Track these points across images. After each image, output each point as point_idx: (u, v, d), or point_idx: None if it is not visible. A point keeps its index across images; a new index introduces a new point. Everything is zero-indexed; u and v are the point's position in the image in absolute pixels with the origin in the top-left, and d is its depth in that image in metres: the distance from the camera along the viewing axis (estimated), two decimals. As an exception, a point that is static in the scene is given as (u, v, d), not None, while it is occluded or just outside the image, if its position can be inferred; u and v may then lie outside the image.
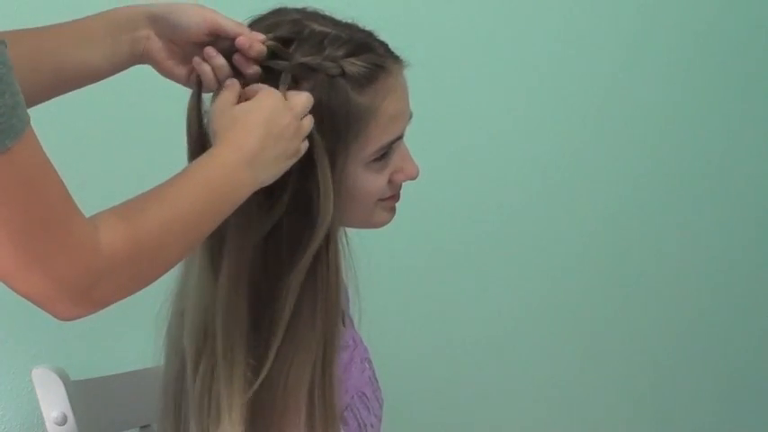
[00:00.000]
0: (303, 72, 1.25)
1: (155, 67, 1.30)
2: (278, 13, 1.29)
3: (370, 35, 1.30)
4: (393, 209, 1.36)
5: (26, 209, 0.98)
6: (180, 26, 1.25)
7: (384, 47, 1.30)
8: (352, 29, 1.29)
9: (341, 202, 1.28)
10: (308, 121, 1.23)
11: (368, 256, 1.35)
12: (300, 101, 1.23)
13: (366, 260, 1.35)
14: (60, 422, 1.56)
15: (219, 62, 1.25)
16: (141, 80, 1.37)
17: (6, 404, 1.69)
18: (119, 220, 1.06)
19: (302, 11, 1.30)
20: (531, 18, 2.26)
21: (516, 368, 2.35)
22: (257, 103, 1.21)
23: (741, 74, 2.64)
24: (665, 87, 2.51)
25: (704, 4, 2.54)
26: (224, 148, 1.18)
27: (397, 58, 1.30)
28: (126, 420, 1.67)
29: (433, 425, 2.22)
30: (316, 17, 1.29)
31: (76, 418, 1.57)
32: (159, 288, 1.20)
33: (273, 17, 1.29)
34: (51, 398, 1.58)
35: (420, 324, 2.18)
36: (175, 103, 1.29)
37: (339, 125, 1.25)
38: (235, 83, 1.24)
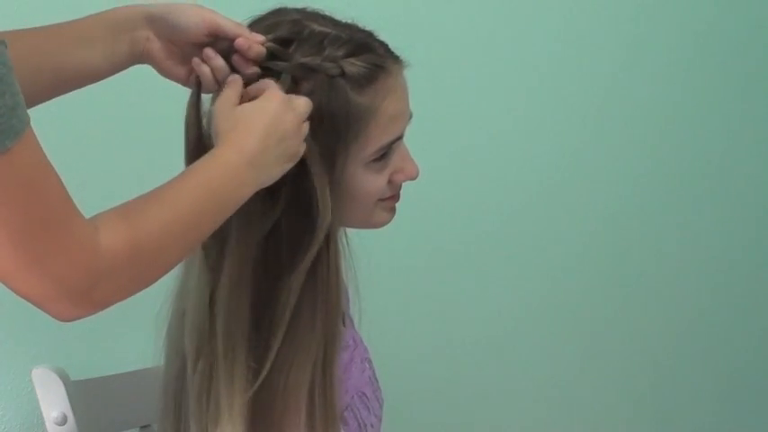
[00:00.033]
0: (303, 72, 1.24)
1: (154, 67, 1.29)
2: (278, 13, 1.29)
3: (370, 35, 1.30)
4: (393, 209, 1.36)
5: (26, 209, 0.98)
6: (179, 27, 1.25)
7: (384, 47, 1.30)
8: (352, 29, 1.29)
9: (341, 202, 1.28)
10: (306, 125, 1.23)
11: (368, 256, 1.35)
12: (301, 103, 1.23)
13: (366, 260, 1.35)
14: (60, 422, 1.56)
15: (219, 64, 1.25)
16: (141, 80, 1.37)
17: (6, 404, 1.69)
18: (119, 221, 1.06)
19: (302, 11, 1.29)
20: (531, 18, 2.26)
21: (516, 368, 2.35)
22: (260, 103, 1.21)
23: (741, 74, 2.64)
24: (664, 87, 2.50)
25: (704, 4, 2.54)
26: (226, 149, 1.17)
27: (396, 59, 1.30)
28: (126, 420, 1.67)
29: (433, 425, 2.22)
30: (315, 17, 1.28)
31: (76, 418, 1.57)
32: (159, 288, 1.19)
33: (273, 17, 1.29)
34: (51, 398, 1.58)
35: (420, 324, 2.18)
36: (175, 103, 1.28)
37: (339, 125, 1.25)
38: (237, 80, 1.24)
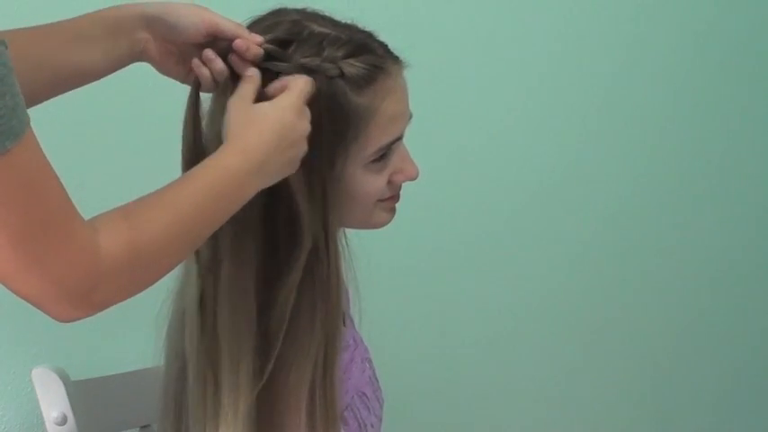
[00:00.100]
0: (302, 73, 1.23)
1: (153, 66, 1.29)
2: (277, 13, 1.29)
3: (369, 36, 1.29)
4: (393, 209, 1.36)
5: (25, 211, 0.98)
6: (177, 28, 1.24)
7: (383, 48, 1.30)
8: (351, 30, 1.28)
9: (340, 202, 1.28)
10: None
11: (368, 256, 1.35)
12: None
13: (366, 260, 1.35)
14: (60, 422, 1.56)
15: (219, 67, 1.24)
16: (141, 80, 1.37)
17: (6, 404, 1.69)
18: (119, 223, 1.05)
19: (302, 11, 1.29)
20: (531, 18, 2.26)
21: (516, 368, 2.35)
22: (277, 108, 1.20)
23: (741, 74, 2.64)
24: (664, 87, 2.50)
25: (704, 4, 2.54)
26: (232, 152, 1.16)
27: (396, 59, 1.30)
28: (126, 420, 1.67)
29: (433, 425, 2.22)
30: (315, 18, 1.28)
31: (76, 418, 1.57)
32: (159, 288, 1.19)
33: (273, 18, 1.28)
34: (51, 398, 1.58)
35: (420, 324, 2.18)
36: (175, 102, 1.28)
37: (338, 126, 1.25)
38: (255, 76, 1.23)
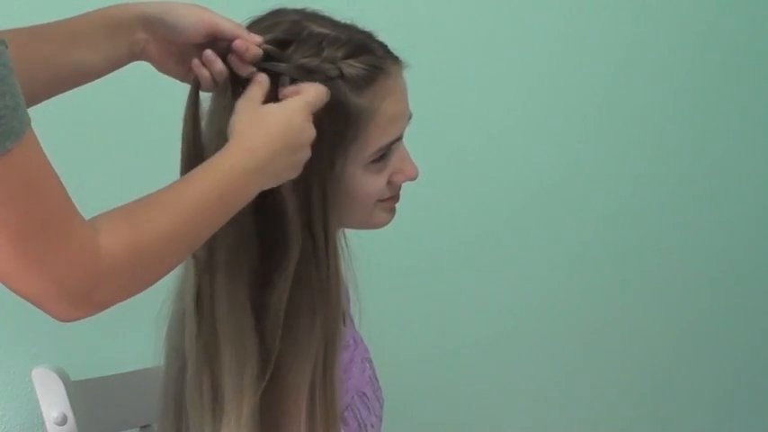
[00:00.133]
0: (301, 74, 1.24)
1: (153, 66, 1.29)
2: (277, 14, 1.29)
3: (369, 36, 1.29)
4: (393, 209, 1.36)
5: (26, 211, 0.97)
6: (177, 28, 1.24)
7: (383, 48, 1.29)
8: (351, 30, 1.28)
9: (340, 203, 1.28)
10: None
11: (368, 256, 1.34)
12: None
13: (366, 260, 1.35)
14: (60, 422, 1.56)
15: (219, 68, 1.23)
16: (141, 80, 1.36)
17: (6, 404, 1.69)
18: (120, 223, 1.05)
19: (301, 12, 1.29)
20: (531, 18, 2.26)
21: (516, 368, 2.35)
22: (286, 110, 1.20)
23: (741, 74, 2.64)
24: (664, 87, 2.50)
25: (704, 4, 2.54)
26: (237, 150, 1.16)
27: (396, 59, 1.30)
28: (126, 420, 1.67)
29: (433, 425, 2.22)
30: (315, 18, 1.28)
31: (76, 418, 1.57)
32: (159, 288, 1.19)
33: (272, 18, 1.28)
34: (51, 398, 1.58)
35: (420, 324, 2.18)
36: (175, 102, 1.28)
37: (338, 127, 1.25)
38: (265, 80, 1.23)
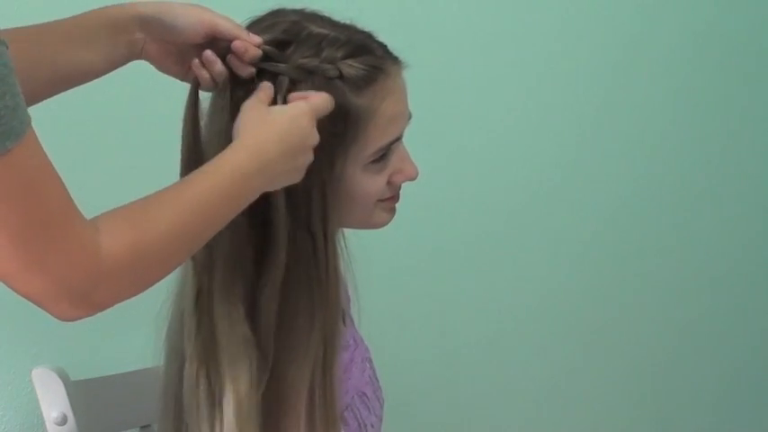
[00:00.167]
0: (301, 74, 1.24)
1: (153, 65, 1.28)
2: (276, 14, 1.29)
3: (368, 36, 1.29)
4: (392, 209, 1.36)
5: (26, 211, 0.97)
6: (175, 28, 1.23)
7: (383, 48, 1.29)
8: (350, 30, 1.28)
9: (340, 203, 1.28)
10: None
11: (368, 256, 1.35)
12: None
13: (366, 260, 1.35)
14: (60, 422, 1.56)
15: (218, 68, 1.23)
16: (141, 80, 1.36)
17: (6, 404, 1.69)
18: (121, 223, 1.05)
19: (300, 12, 1.29)
20: (530, 18, 2.26)
21: (516, 368, 2.35)
22: (293, 107, 1.20)
23: (741, 74, 2.64)
24: (664, 87, 2.50)
25: (704, 4, 2.54)
26: (242, 148, 1.16)
27: (395, 60, 1.30)
28: (126, 420, 1.67)
29: (432, 425, 2.22)
30: (314, 18, 1.28)
31: (76, 418, 1.57)
32: (160, 288, 1.19)
33: (272, 18, 1.28)
34: (51, 398, 1.58)
35: (420, 324, 2.18)
36: (175, 102, 1.28)
37: (338, 127, 1.25)
38: (269, 87, 1.23)
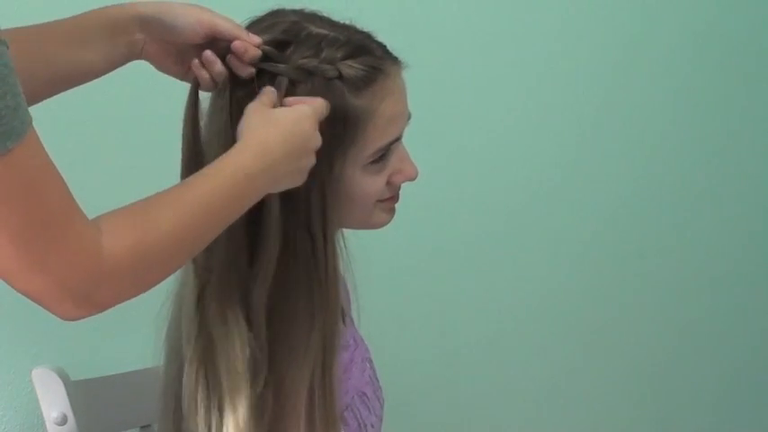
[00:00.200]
0: (300, 75, 1.24)
1: (153, 65, 1.28)
2: (276, 14, 1.29)
3: (368, 37, 1.29)
4: (392, 210, 1.36)
5: (27, 211, 0.97)
6: (175, 29, 1.23)
7: (382, 48, 1.29)
8: (349, 30, 1.28)
9: (339, 203, 1.28)
10: None
11: (367, 256, 1.35)
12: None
13: (366, 260, 1.35)
14: (60, 422, 1.56)
15: (218, 69, 1.23)
16: (141, 80, 1.37)
17: (6, 404, 1.69)
18: (123, 224, 1.05)
19: (300, 12, 1.29)
20: (530, 18, 2.26)
21: (516, 368, 2.35)
22: (296, 110, 1.20)
23: (741, 74, 2.64)
24: (664, 87, 2.50)
25: (704, 4, 2.54)
26: (247, 149, 1.15)
27: (395, 60, 1.30)
28: (126, 420, 1.67)
29: (432, 425, 2.22)
30: (313, 19, 1.28)
31: (76, 418, 1.57)
32: (160, 289, 1.18)
33: (271, 18, 1.28)
34: (51, 398, 1.58)
35: (420, 324, 2.18)
36: (175, 102, 1.28)
37: (337, 128, 1.25)
38: (271, 92, 1.22)
